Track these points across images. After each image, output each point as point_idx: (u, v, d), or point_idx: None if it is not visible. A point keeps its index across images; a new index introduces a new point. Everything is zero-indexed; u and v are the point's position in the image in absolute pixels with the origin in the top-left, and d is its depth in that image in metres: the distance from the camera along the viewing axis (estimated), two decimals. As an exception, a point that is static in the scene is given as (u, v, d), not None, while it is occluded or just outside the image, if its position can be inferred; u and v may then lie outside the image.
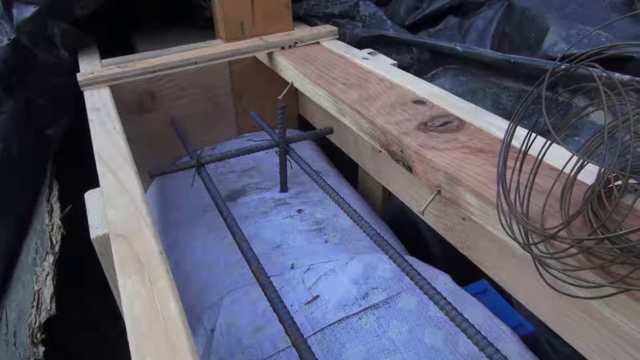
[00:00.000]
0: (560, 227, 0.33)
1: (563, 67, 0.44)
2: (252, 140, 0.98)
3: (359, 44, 0.86)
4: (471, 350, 0.52)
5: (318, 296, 0.58)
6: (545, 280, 0.34)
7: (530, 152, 0.43)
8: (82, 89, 0.72)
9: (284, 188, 0.80)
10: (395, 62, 0.78)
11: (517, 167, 0.43)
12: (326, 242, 0.68)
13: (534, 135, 0.49)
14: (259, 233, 0.70)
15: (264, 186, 0.82)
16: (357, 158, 0.82)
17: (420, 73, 0.82)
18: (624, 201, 0.41)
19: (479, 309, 0.56)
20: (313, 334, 0.54)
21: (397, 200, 0.73)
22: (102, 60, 0.85)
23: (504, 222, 0.39)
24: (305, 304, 0.57)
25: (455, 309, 0.45)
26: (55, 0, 0.84)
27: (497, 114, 0.71)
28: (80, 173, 1.18)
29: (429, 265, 0.63)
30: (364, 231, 0.57)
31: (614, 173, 0.41)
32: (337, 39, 0.90)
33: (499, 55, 0.71)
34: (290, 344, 0.48)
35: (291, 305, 0.57)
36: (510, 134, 0.44)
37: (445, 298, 0.46)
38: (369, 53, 0.81)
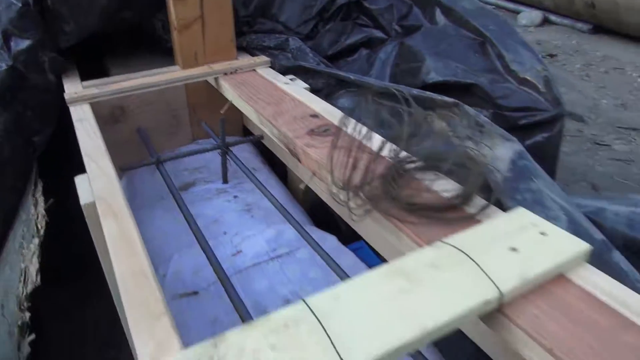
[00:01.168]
0: (352, 183, 0.59)
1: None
2: (203, 145, 1.23)
3: (286, 71, 1.12)
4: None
5: (241, 251, 0.83)
6: (349, 210, 0.60)
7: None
8: (68, 104, 0.95)
9: (225, 181, 1.05)
10: (309, 86, 1.04)
11: (352, 152, 0.69)
12: (252, 217, 0.93)
13: (365, 130, 0.75)
14: (202, 212, 0.94)
15: (210, 179, 1.06)
16: (282, 157, 1.07)
17: (330, 94, 1.09)
18: (415, 177, 0.68)
19: (351, 257, 0.82)
20: (234, 274, 0.78)
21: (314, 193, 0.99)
22: (83, 82, 1.08)
23: (331, 182, 0.65)
24: (232, 256, 0.82)
25: (330, 257, 0.70)
26: (45, 35, 1.07)
27: (377, 124, 0.97)
28: (60, 172, 1.40)
29: (322, 231, 0.88)
30: (274, 206, 0.82)
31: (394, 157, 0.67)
32: (270, 67, 1.15)
33: (378, 82, 0.98)
34: (218, 280, 0.72)
35: (221, 257, 0.81)
36: (345, 127, 0.70)
37: (325, 252, 0.72)
38: (290, 79, 1.07)
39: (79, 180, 0.72)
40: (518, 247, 0.50)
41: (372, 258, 0.91)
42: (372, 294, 0.44)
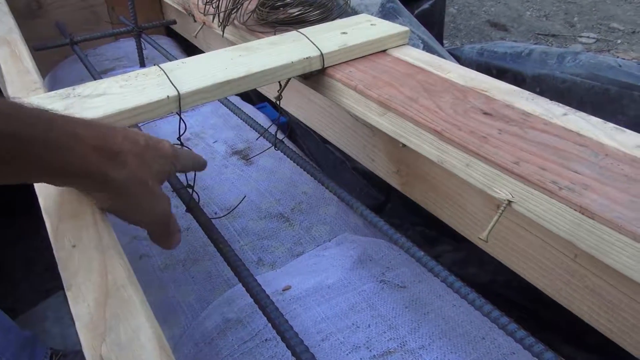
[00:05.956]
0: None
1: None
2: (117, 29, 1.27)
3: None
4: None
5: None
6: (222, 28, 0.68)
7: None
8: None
9: (142, 63, 1.11)
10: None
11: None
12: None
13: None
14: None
15: (129, 65, 1.12)
16: (193, 40, 1.13)
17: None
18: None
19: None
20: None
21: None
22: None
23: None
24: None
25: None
26: None
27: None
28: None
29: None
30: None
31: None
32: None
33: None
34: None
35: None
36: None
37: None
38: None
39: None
40: (348, 31, 0.59)
41: (274, 114, 1.00)
42: (213, 60, 0.53)
